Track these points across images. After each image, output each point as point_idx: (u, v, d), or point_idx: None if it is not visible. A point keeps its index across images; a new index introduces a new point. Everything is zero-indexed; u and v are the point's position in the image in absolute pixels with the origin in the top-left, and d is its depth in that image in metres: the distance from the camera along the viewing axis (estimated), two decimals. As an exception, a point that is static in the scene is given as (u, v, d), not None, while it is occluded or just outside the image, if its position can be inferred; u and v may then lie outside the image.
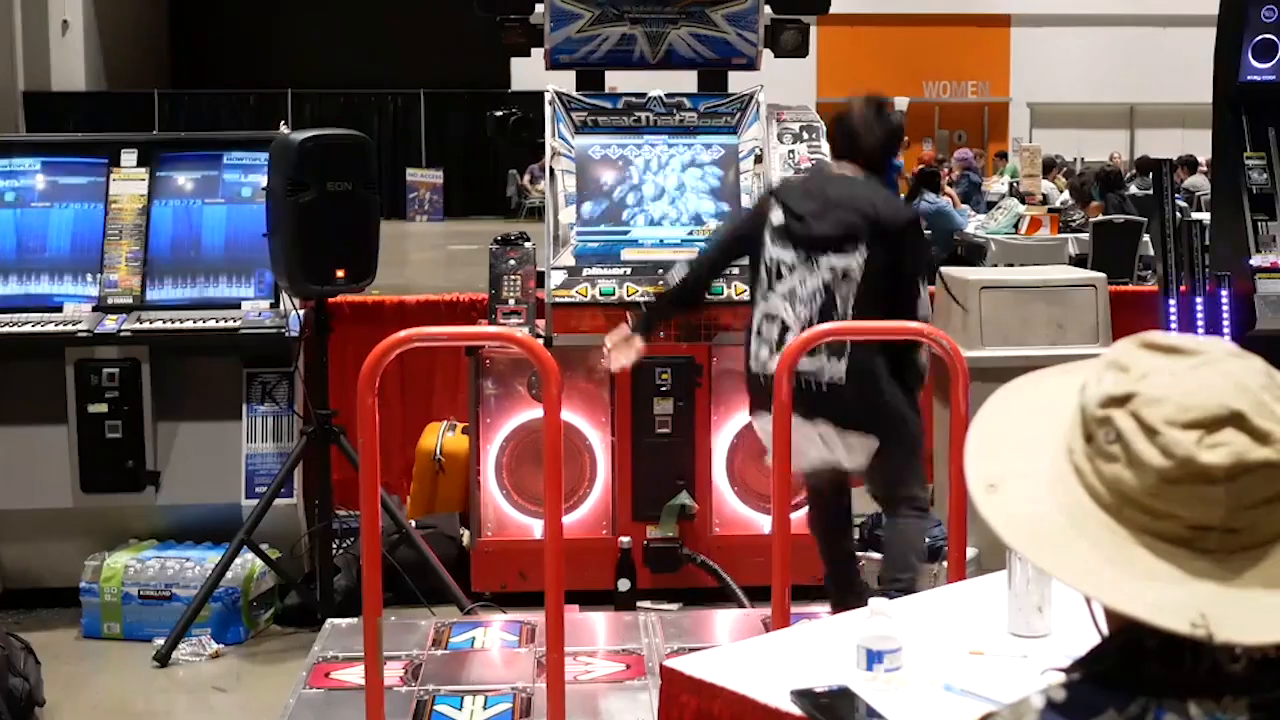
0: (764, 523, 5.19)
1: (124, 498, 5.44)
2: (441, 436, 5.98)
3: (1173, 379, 1.33)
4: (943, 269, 6.21)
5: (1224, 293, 5.86)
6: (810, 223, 4.42)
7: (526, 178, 23.95)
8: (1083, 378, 1.41)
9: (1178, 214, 6.21)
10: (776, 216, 4.48)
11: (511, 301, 5.37)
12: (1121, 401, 1.34)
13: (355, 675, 4.34)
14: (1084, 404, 1.38)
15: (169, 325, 5.43)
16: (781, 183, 4.83)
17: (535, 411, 5.14)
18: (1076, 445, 1.38)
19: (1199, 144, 12.54)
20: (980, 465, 1.43)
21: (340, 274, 5.08)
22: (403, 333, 3.98)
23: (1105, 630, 1.40)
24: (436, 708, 4.26)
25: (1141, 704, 1.30)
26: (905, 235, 4.49)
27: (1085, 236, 11.70)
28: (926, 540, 4.72)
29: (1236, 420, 1.30)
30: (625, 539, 5.37)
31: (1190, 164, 15.99)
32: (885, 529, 4.74)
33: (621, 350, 4.76)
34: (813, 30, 6.00)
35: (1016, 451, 1.43)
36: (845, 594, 4.60)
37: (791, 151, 5.65)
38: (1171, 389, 1.33)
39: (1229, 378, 1.33)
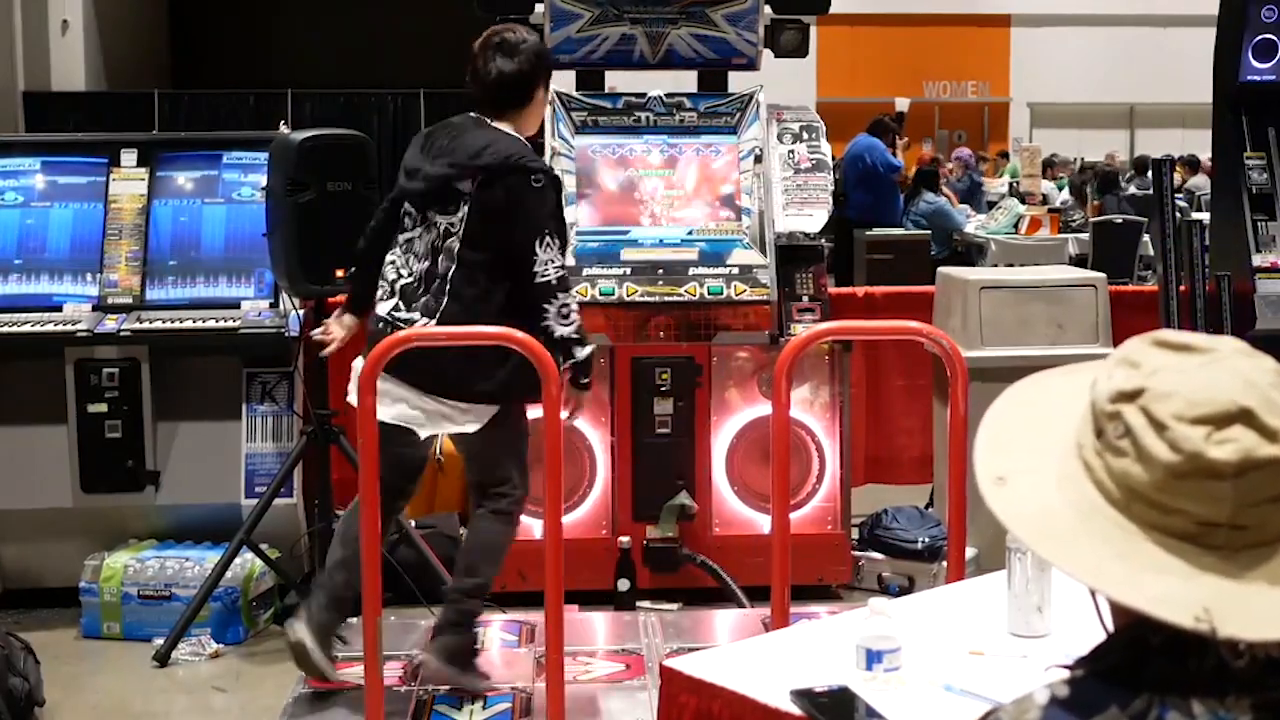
0: (764, 523, 5.18)
1: (124, 498, 5.43)
2: (441, 436, 5.97)
3: (1182, 375, 1.34)
4: (942, 269, 6.22)
5: (1224, 293, 5.86)
6: (417, 176, 4.25)
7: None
8: (1092, 376, 1.42)
9: (1178, 214, 6.21)
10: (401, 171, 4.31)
11: (511, 301, 5.36)
12: (1131, 397, 1.35)
13: (355, 675, 4.34)
14: (1094, 399, 1.39)
15: (169, 325, 5.43)
16: (416, 138, 4.41)
17: (535, 411, 5.13)
18: (1086, 440, 1.39)
19: (1199, 144, 12.55)
20: (989, 460, 1.44)
21: (340, 274, 5.08)
22: (402, 333, 3.98)
23: (1111, 627, 1.40)
24: (436, 708, 4.27)
25: (1145, 700, 1.30)
26: (509, 185, 4.13)
27: (1085, 236, 11.71)
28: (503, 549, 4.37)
29: (1245, 417, 1.31)
30: (625, 539, 5.37)
31: (1192, 164, 15.98)
32: (474, 520, 4.37)
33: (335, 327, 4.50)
34: (813, 30, 6.00)
35: (1025, 449, 1.44)
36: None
37: (791, 151, 5.65)
38: (1181, 385, 1.33)
39: (1238, 375, 1.33)
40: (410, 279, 4.24)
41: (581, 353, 4.23)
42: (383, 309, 4.28)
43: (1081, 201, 13.12)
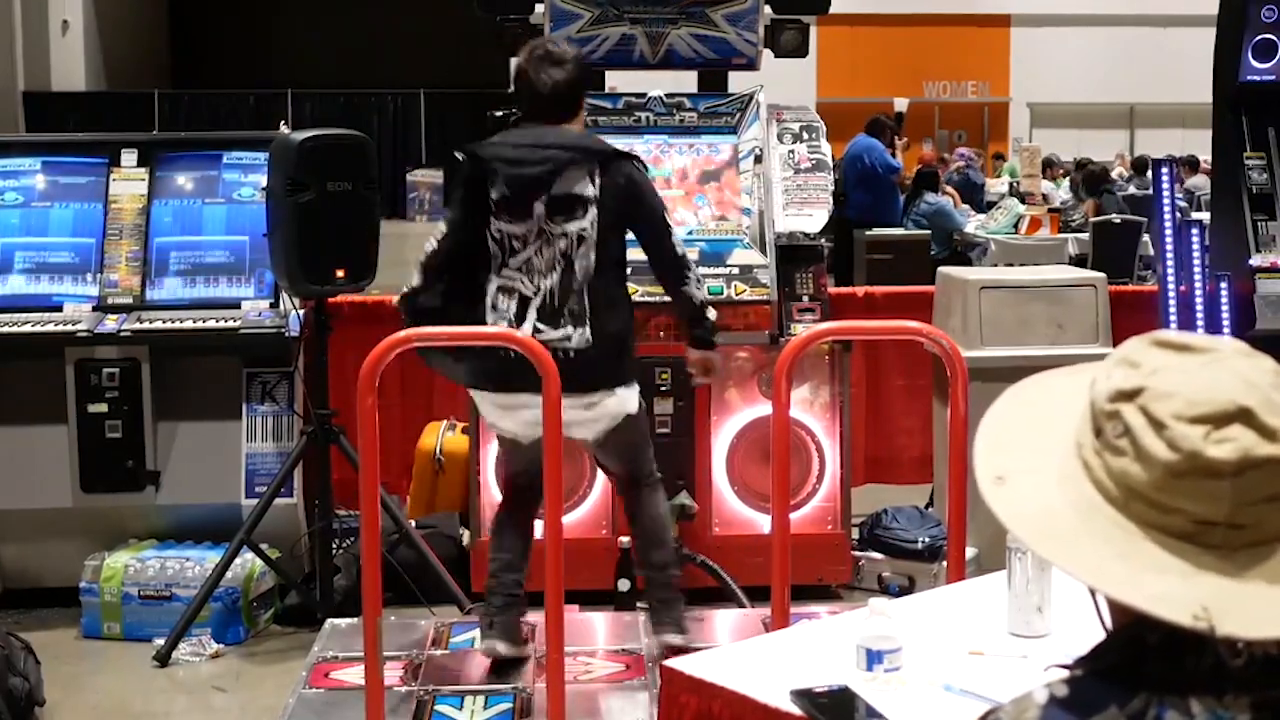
0: (764, 523, 5.18)
1: (124, 498, 5.43)
2: (441, 436, 5.98)
3: (1182, 375, 1.34)
4: (942, 268, 6.22)
5: (1224, 293, 5.86)
6: (534, 190, 4.23)
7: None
8: (1092, 376, 1.42)
9: (1177, 214, 6.21)
10: (496, 190, 4.26)
11: (511, 301, 5.36)
12: (1130, 396, 1.35)
13: (355, 675, 4.34)
14: (1093, 398, 1.39)
15: (169, 325, 5.43)
16: (485, 151, 4.35)
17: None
18: (1085, 440, 1.39)
19: (1199, 144, 12.55)
20: (989, 460, 1.44)
21: (340, 274, 5.08)
22: (402, 333, 3.98)
23: (1110, 626, 1.40)
24: (437, 708, 4.27)
25: (1144, 700, 1.31)
26: (626, 172, 4.30)
27: (1085, 236, 11.71)
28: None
29: (1244, 416, 1.31)
30: (625, 539, 5.36)
31: (1192, 164, 16.01)
32: (636, 506, 4.55)
33: None
34: (813, 30, 6.00)
35: (1026, 448, 1.44)
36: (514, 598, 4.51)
37: (791, 151, 5.64)
38: (1180, 385, 1.33)
39: (1238, 375, 1.34)
40: (541, 296, 4.24)
41: (712, 313, 4.51)
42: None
43: (1079, 199, 13.14)
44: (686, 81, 5.99)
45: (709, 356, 4.52)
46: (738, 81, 5.86)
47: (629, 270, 4.45)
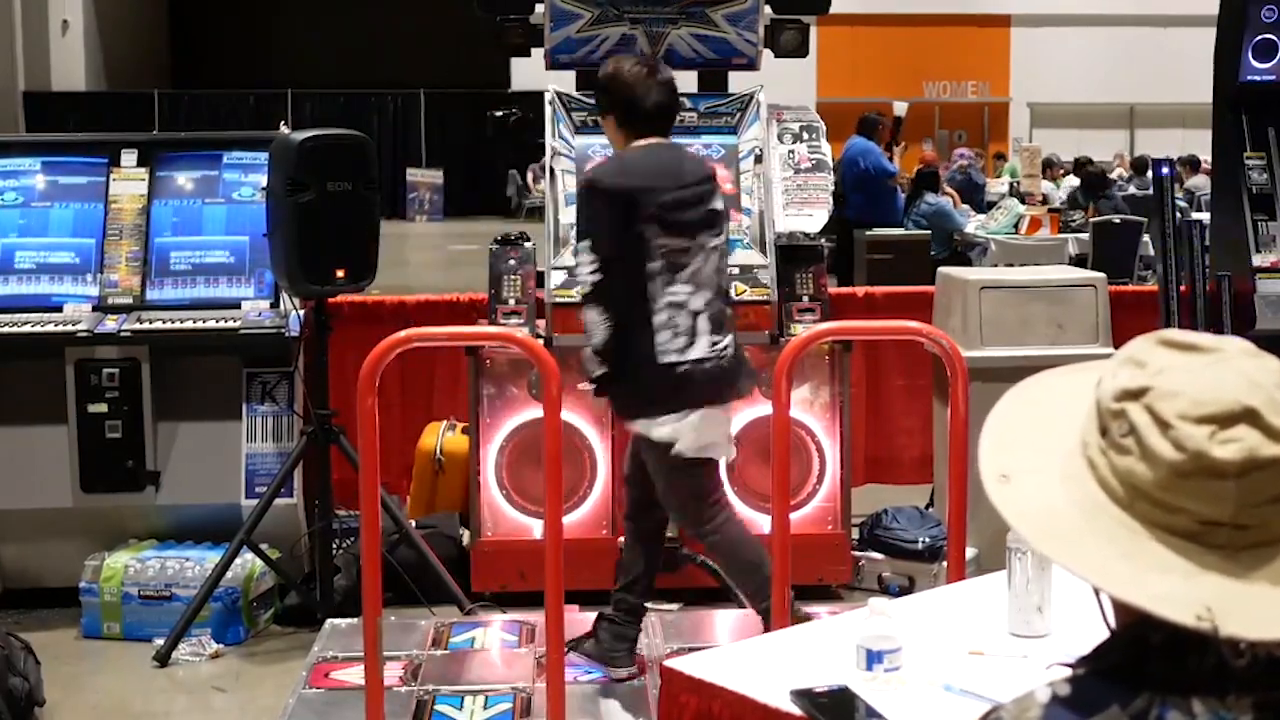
0: (763, 523, 5.18)
1: (124, 498, 5.43)
2: (441, 436, 5.98)
3: (1188, 375, 1.34)
4: (942, 269, 6.21)
5: (1225, 293, 5.86)
6: (686, 205, 4.30)
7: (529, 176, 23.88)
8: (1097, 375, 1.42)
9: (1178, 214, 6.22)
10: (656, 209, 4.24)
11: (511, 301, 5.37)
12: (1136, 395, 1.35)
13: (355, 675, 4.34)
14: (1099, 397, 1.39)
15: (169, 325, 5.42)
16: (633, 173, 4.30)
17: (535, 411, 5.14)
18: (1091, 439, 1.39)
19: (1199, 144, 12.56)
20: (994, 458, 1.44)
21: (340, 274, 5.08)
22: (402, 333, 3.98)
23: (1114, 625, 1.40)
24: (437, 708, 4.27)
25: (1146, 699, 1.31)
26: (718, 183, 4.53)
27: (1085, 236, 11.71)
28: None
29: (1249, 416, 1.31)
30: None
31: (1192, 164, 16.02)
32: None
33: None
34: (813, 30, 6.00)
35: (1030, 448, 1.44)
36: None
37: (791, 151, 5.64)
38: (1186, 384, 1.33)
39: (1243, 375, 1.34)
40: (710, 307, 4.30)
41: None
42: (698, 349, 4.23)
43: (1073, 205, 13.15)
44: (686, 81, 5.98)
45: None
46: (738, 81, 5.86)
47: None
